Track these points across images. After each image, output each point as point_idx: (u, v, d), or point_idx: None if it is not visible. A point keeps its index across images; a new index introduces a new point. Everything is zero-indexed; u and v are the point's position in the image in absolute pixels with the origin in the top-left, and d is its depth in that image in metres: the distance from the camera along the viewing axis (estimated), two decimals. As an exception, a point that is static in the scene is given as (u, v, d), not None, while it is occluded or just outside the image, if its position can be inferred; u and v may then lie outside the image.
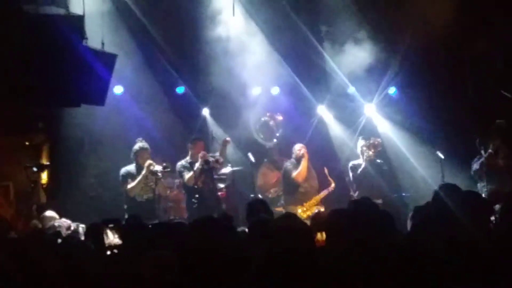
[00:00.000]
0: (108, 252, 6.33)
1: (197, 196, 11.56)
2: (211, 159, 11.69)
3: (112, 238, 6.18)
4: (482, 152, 11.58)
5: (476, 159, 11.61)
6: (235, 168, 12.93)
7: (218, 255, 4.76)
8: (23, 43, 10.27)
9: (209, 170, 11.68)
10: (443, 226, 4.95)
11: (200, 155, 11.68)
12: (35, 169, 12.51)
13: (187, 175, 11.65)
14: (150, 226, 8.15)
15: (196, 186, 11.60)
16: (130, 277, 4.95)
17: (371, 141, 12.34)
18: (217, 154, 11.83)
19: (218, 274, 4.58)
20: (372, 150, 12.25)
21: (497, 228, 5.43)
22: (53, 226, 9.27)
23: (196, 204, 11.47)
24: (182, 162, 11.88)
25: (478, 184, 11.58)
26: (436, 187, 7.51)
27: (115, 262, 5.85)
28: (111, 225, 6.37)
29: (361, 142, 12.45)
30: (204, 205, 11.12)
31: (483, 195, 10.48)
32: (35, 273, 5.35)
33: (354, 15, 13.15)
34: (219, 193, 12.95)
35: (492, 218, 5.68)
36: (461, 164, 12.52)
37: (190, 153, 11.98)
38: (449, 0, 12.73)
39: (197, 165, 11.62)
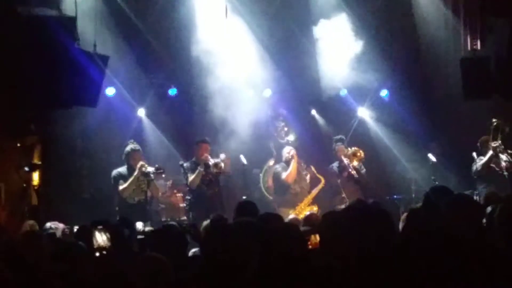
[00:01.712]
0: (97, 254, 6.31)
1: (198, 198, 11.57)
2: (211, 162, 11.68)
3: (100, 240, 6.14)
4: (474, 155, 11.60)
5: (477, 160, 11.60)
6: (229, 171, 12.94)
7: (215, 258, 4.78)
8: (15, 45, 10.25)
9: (213, 173, 11.70)
10: (434, 229, 4.97)
11: (203, 157, 11.67)
12: (27, 169, 12.47)
13: (191, 177, 11.64)
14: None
15: (197, 188, 11.63)
16: (122, 280, 4.95)
17: (352, 151, 12.30)
18: (221, 156, 11.78)
19: (214, 277, 4.60)
20: (354, 160, 12.23)
21: (488, 230, 5.45)
22: (49, 228, 9.24)
23: (197, 206, 11.44)
24: (187, 163, 11.86)
25: (479, 186, 11.56)
26: (427, 190, 7.56)
27: (105, 264, 5.84)
28: (99, 227, 6.34)
29: (338, 146, 12.47)
30: (205, 208, 11.06)
31: (482, 198, 10.46)
32: (29, 275, 5.35)
33: (346, 18, 13.18)
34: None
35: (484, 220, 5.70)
36: (453, 166, 12.57)
37: (194, 154, 11.96)
38: (441, 2, 12.82)
39: (199, 168, 11.63)
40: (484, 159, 11.44)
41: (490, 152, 11.37)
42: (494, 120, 11.45)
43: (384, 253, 4.62)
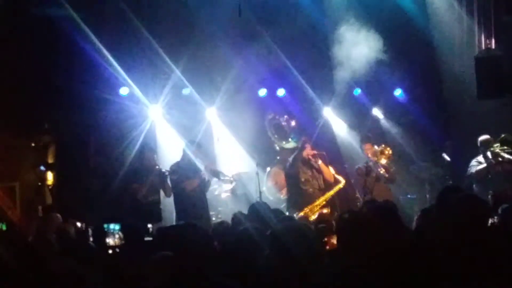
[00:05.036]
0: (110, 251, 6.33)
1: (189, 202, 11.36)
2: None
3: (112, 239, 6.15)
4: (489, 154, 11.49)
5: (475, 162, 11.50)
6: (242, 171, 12.93)
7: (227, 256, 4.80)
8: (28, 45, 10.35)
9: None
10: (447, 227, 4.96)
11: (211, 166, 11.64)
12: (42, 168, 12.54)
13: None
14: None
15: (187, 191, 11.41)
16: (133, 278, 4.97)
17: (380, 149, 11.96)
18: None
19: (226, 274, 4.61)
20: (382, 158, 11.89)
21: (500, 228, 5.45)
22: (61, 226, 9.26)
23: (185, 212, 11.22)
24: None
25: (474, 186, 11.46)
26: (441, 189, 7.52)
27: (117, 263, 5.86)
28: (111, 225, 6.34)
29: (364, 145, 12.25)
30: (193, 212, 11.03)
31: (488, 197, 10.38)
32: (42, 273, 5.38)
33: (360, 17, 13.14)
34: (225, 195, 12.99)
35: (492, 220, 5.68)
36: (467, 166, 12.49)
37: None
38: (455, 1, 12.78)
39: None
40: (481, 166, 11.32)
41: (498, 152, 11.21)
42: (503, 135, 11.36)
43: (396, 253, 4.63)
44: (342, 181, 11.80)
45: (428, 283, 4.43)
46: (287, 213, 11.04)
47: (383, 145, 12.05)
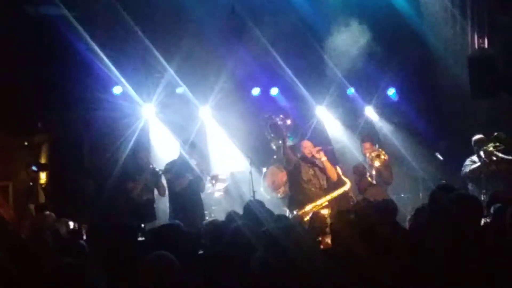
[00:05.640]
0: None
1: (183, 201, 11.34)
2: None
3: None
4: (480, 155, 11.50)
5: (468, 162, 11.52)
6: (236, 170, 12.90)
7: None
8: (21, 43, 10.32)
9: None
10: (439, 227, 4.97)
11: (200, 165, 11.60)
12: (35, 168, 12.51)
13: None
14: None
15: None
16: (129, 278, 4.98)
17: (376, 153, 11.96)
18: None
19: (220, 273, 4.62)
20: (376, 161, 11.92)
21: (493, 228, 5.46)
22: (53, 225, 9.24)
23: (179, 211, 11.14)
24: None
25: (469, 185, 11.49)
26: (434, 189, 7.53)
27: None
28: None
29: (367, 145, 12.26)
30: (186, 211, 10.98)
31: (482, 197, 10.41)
32: (34, 272, 5.38)
33: (353, 16, 13.15)
34: (219, 194, 12.97)
35: (485, 220, 5.70)
36: (461, 165, 12.53)
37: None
38: (448, 0, 12.80)
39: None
40: (475, 165, 11.36)
41: (491, 151, 11.23)
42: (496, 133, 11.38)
43: (391, 252, 4.64)
44: (348, 184, 11.60)
45: (423, 282, 4.45)
46: (287, 211, 11.11)
47: (380, 149, 12.06)
